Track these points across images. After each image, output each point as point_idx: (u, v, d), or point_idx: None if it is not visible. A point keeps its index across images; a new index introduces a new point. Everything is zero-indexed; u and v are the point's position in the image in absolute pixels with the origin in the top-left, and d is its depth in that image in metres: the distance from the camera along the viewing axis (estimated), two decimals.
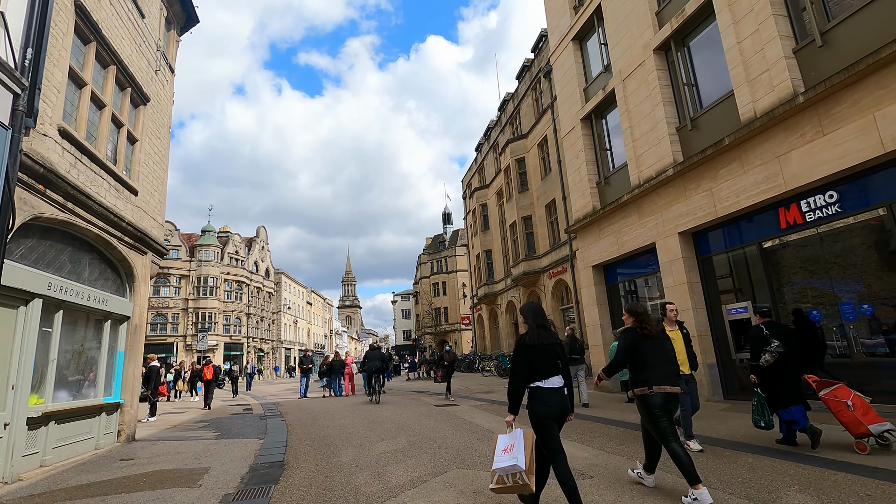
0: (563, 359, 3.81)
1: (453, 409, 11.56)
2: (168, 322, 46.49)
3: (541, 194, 22.77)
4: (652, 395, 4.11)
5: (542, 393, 3.64)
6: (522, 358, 3.72)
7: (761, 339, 5.82)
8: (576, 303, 19.05)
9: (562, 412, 3.66)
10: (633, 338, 4.33)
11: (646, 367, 4.20)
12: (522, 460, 3.41)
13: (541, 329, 3.80)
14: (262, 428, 10.44)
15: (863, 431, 5.05)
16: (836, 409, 5.27)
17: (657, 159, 10.95)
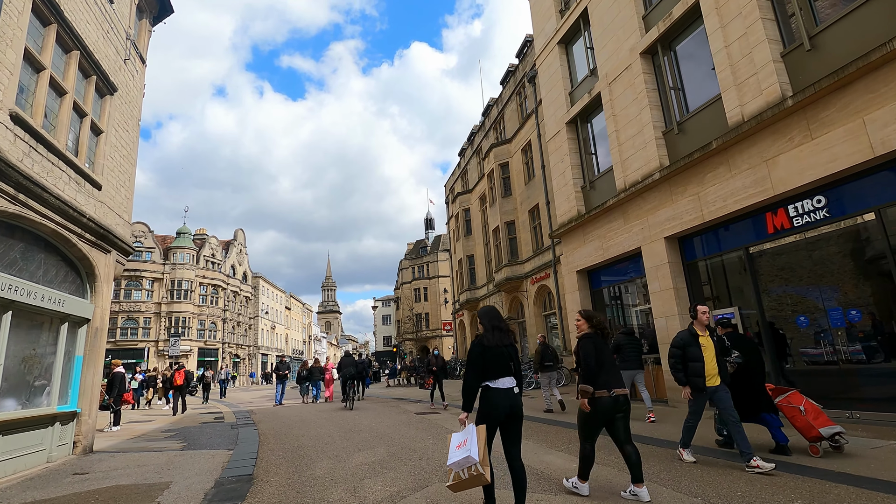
0: (516, 360, 3.94)
1: (435, 418, 11.18)
2: (139, 326, 44.96)
3: (524, 199, 22.64)
4: (606, 399, 4.27)
5: (491, 393, 3.79)
6: (477, 358, 3.85)
7: (723, 350, 5.88)
8: (559, 308, 18.89)
9: (510, 410, 3.80)
10: (597, 342, 4.45)
11: (604, 371, 4.33)
12: (476, 452, 3.50)
13: (496, 331, 3.93)
14: (232, 438, 9.90)
15: (815, 435, 5.28)
16: (791, 415, 5.48)
17: (643, 163, 10.84)
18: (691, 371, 5.40)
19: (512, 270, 23.01)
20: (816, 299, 7.85)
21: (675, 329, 9.78)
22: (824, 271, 7.77)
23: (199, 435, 10.62)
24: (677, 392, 9.62)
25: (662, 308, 10.22)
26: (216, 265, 52.49)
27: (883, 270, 7.01)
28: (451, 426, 9.59)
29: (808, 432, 5.34)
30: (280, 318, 72.74)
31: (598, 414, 4.31)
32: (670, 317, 10.00)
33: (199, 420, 13.97)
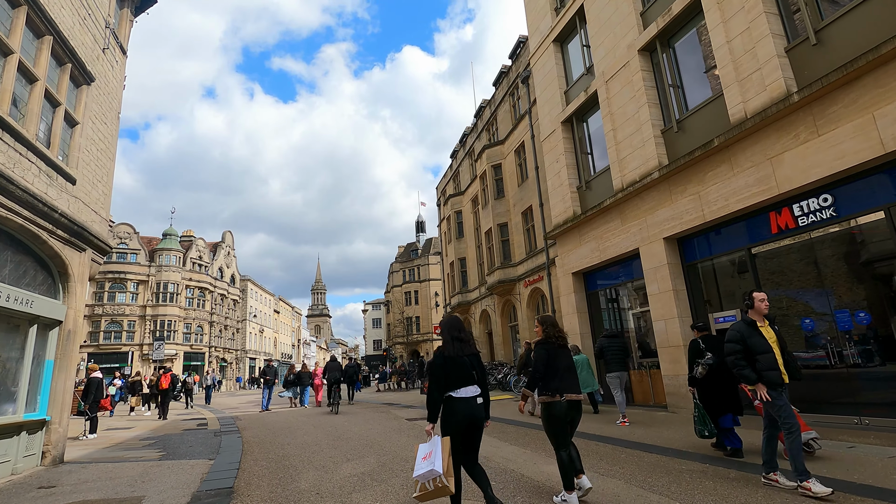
0: (479, 369, 4.01)
1: (420, 423, 10.79)
2: (123, 330, 43.94)
3: (517, 201, 22.38)
4: (559, 403, 4.33)
5: (453, 403, 3.86)
6: (439, 369, 3.93)
7: (697, 352, 6.08)
8: (552, 312, 18.59)
9: (472, 420, 3.86)
10: (549, 349, 4.51)
11: (556, 377, 4.40)
12: (440, 465, 3.57)
13: (456, 341, 4.00)
14: (214, 446, 9.43)
15: None
16: None
17: (642, 162, 10.59)
18: (763, 364, 4.59)
19: (504, 273, 22.71)
20: (822, 301, 7.61)
21: (675, 332, 9.52)
22: (830, 272, 7.54)
23: (179, 443, 10.12)
24: (678, 397, 9.38)
25: (661, 310, 9.95)
26: (203, 267, 51.59)
27: (892, 271, 6.78)
28: None
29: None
30: (269, 321, 71.76)
31: (557, 419, 4.38)
32: (669, 319, 9.73)
33: (182, 427, 13.43)
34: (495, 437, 8.49)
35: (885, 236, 6.76)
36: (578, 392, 4.46)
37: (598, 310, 12.89)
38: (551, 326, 4.68)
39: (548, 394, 4.39)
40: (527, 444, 7.57)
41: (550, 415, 4.37)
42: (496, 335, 24.94)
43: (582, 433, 7.79)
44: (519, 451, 7.09)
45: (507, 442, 7.92)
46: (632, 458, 6.25)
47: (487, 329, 27.29)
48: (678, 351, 9.52)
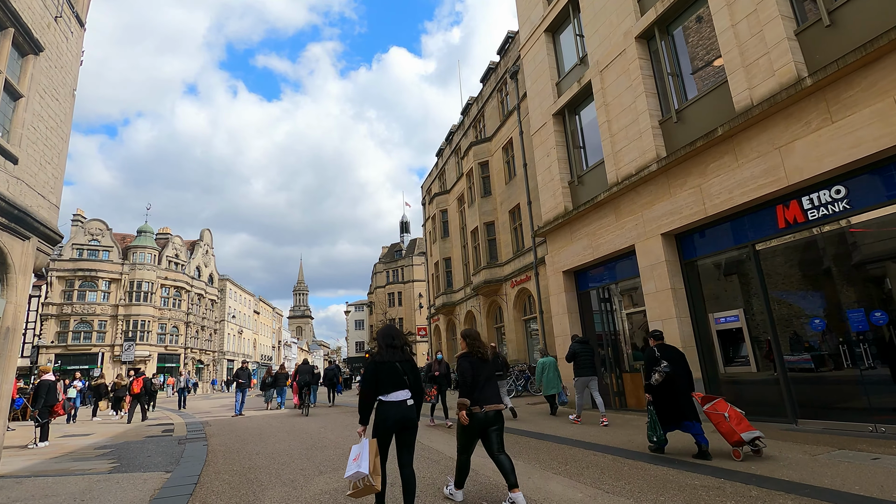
0: (412, 374, 4.21)
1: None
2: (94, 330, 42.20)
3: (504, 199, 21.83)
4: (478, 414, 4.48)
5: (385, 407, 4.07)
6: (370, 374, 4.15)
7: (653, 360, 6.24)
8: (539, 313, 18.06)
9: (404, 422, 4.10)
10: (473, 361, 4.68)
11: (477, 388, 4.55)
12: (366, 466, 3.85)
13: (389, 348, 4.24)
14: (175, 456, 8.59)
15: (737, 439, 5.61)
16: (716, 421, 5.80)
17: (638, 154, 10.08)
18: None
19: (491, 273, 22.12)
20: (834, 300, 7.14)
21: (673, 332, 9.01)
22: (842, 269, 7.08)
23: (137, 452, 9.24)
24: None
25: (658, 310, 9.43)
26: (180, 266, 49.99)
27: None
28: (427, 441, 8.53)
29: (731, 437, 5.66)
30: (248, 322, 70.08)
31: (471, 428, 4.54)
32: (667, 319, 9.21)
33: (145, 433, 12.49)
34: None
35: None
36: (498, 402, 4.65)
37: (589, 310, 12.35)
38: (474, 340, 4.92)
39: (471, 405, 4.54)
40: (517, 454, 6.92)
41: (470, 423, 4.53)
42: (481, 337, 24.32)
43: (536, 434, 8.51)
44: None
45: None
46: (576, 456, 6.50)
47: None
48: None
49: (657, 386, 6.12)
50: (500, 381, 10.72)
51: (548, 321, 17.67)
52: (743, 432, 5.54)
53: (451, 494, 4.66)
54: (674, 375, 6.07)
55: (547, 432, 8.82)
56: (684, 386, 6.16)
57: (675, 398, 6.07)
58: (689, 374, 6.39)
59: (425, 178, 36.72)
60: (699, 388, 8.81)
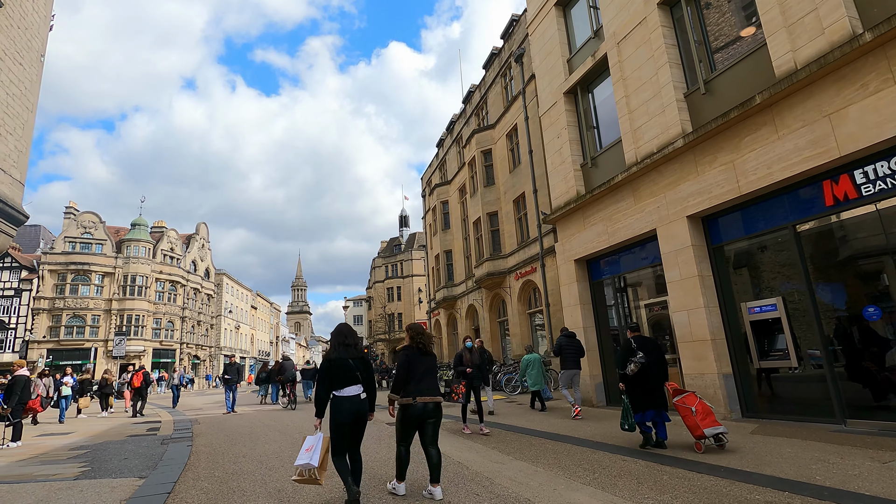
0: (365, 371, 4.49)
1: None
2: (87, 325, 41.38)
3: (508, 188, 21.01)
4: (415, 405, 4.60)
5: (337, 401, 4.34)
6: (325, 371, 4.42)
7: (630, 351, 6.44)
8: (546, 306, 17.28)
9: (357, 415, 4.38)
10: (410, 354, 4.82)
11: (413, 380, 4.68)
12: (316, 459, 4.12)
13: (341, 346, 4.51)
14: (154, 458, 7.81)
15: (699, 434, 5.79)
16: (683, 414, 6.00)
17: (660, 131, 9.27)
18: None
19: (494, 265, 21.33)
20: (893, 285, 6.36)
21: (700, 324, 8.23)
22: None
23: (114, 454, 8.45)
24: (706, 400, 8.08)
25: (683, 300, 8.65)
26: (175, 260, 49.11)
27: None
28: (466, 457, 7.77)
29: (695, 431, 5.84)
30: (245, 317, 69.29)
31: (408, 419, 4.65)
32: (693, 310, 8.43)
33: (129, 432, 11.70)
34: (494, 447, 7.05)
35: None
36: (434, 395, 4.73)
37: (603, 301, 11.57)
38: (417, 334, 5.00)
39: (405, 396, 4.68)
40: (536, 460, 6.14)
41: (404, 416, 4.68)
42: (484, 331, 23.55)
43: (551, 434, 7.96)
44: (529, 470, 5.65)
45: (513, 456, 6.48)
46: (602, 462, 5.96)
47: (474, 325, 25.89)
48: (704, 346, 8.22)
49: (632, 376, 6.33)
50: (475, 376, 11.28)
51: (555, 314, 16.90)
52: (706, 427, 5.75)
53: (394, 489, 4.70)
54: (648, 366, 6.26)
55: (562, 432, 8.06)
56: (659, 377, 6.35)
57: (649, 388, 6.28)
58: (665, 366, 6.57)
59: (425, 170, 35.88)
60: (728, 385, 8.07)
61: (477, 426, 8.51)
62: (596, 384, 11.05)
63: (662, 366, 6.47)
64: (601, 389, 11.07)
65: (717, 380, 7.99)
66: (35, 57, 8.08)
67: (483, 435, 8.03)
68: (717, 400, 7.96)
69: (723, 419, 7.84)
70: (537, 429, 8.59)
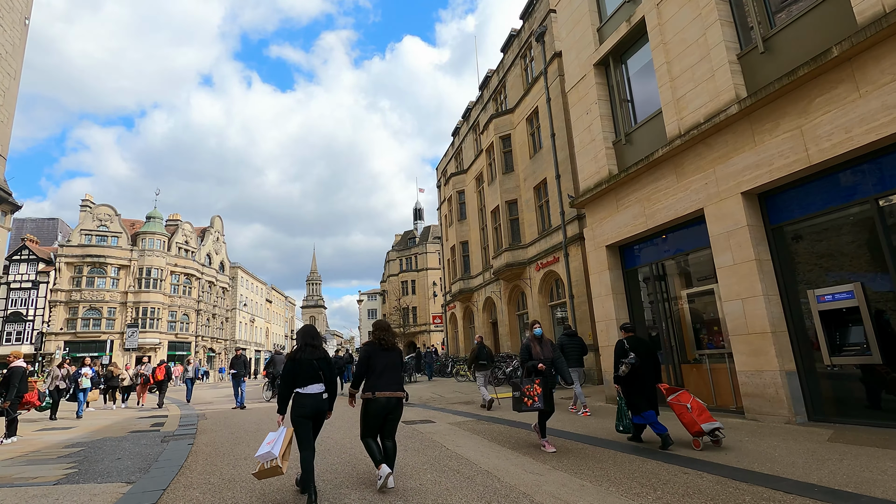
0: (327, 370, 4.73)
1: (428, 431, 8.50)
2: (103, 317, 41.54)
3: (528, 175, 20.01)
4: (374, 400, 4.73)
5: (300, 398, 4.58)
6: (288, 370, 4.66)
7: (622, 351, 6.43)
8: (569, 297, 16.33)
9: (316, 412, 4.62)
10: (370, 350, 5.01)
11: (374, 375, 4.83)
12: (277, 450, 4.29)
13: (307, 346, 4.77)
14: (150, 458, 7.12)
15: (697, 430, 5.73)
16: (679, 412, 5.95)
17: (709, 98, 8.25)
18: None
19: (513, 255, 20.39)
20: None
21: (757, 314, 7.25)
22: None
23: (108, 453, 7.80)
24: (763, 400, 7.11)
25: (737, 287, 7.65)
26: (190, 253, 49.09)
27: None
28: (453, 446, 6.92)
29: (692, 427, 5.80)
30: (260, 311, 69.39)
31: (371, 414, 4.74)
32: (749, 299, 7.43)
33: (131, 427, 11.11)
34: (526, 454, 6.18)
35: None
36: (395, 390, 4.80)
37: (637, 290, 10.60)
38: (381, 331, 5.12)
39: (365, 391, 4.80)
40: (579, 470, 5.26)
41: (366, 410, 4.77)
42: (502, 325, 22.67)
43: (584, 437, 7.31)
44: (573, 484, 4.77)
45: (550, 465, 5.60)
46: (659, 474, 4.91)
47: (492, 318, 25.02)
48: (763, 340, 7.23)
49: (625, 377, 6.34)
50: (484, 371, 11.59)
51: (579, 306, 15.95)
52: (703, 423, 5.73)
53: (380, 476, 4.62)
54: (640, 367, 6.26)
55: (599, 435, 7.16)
56: (652, 377, 6.34)
57: (643, 388, 6.25)
58: (658, 367, 6.61)
59: (441, 160, 34.97)
60: (792, 384, 7.08)
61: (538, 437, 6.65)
62: None
63: (656, 367, 6.52)
64: None
65: (779, 378, 7.00)
66: (18, 19, 7.36)
67: (544, 447, 6.31)
68: (778, 401, 6.98)
69: (786, 423, 6.87)
70: (567, 430, 7.71)
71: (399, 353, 5.15)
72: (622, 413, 6.40)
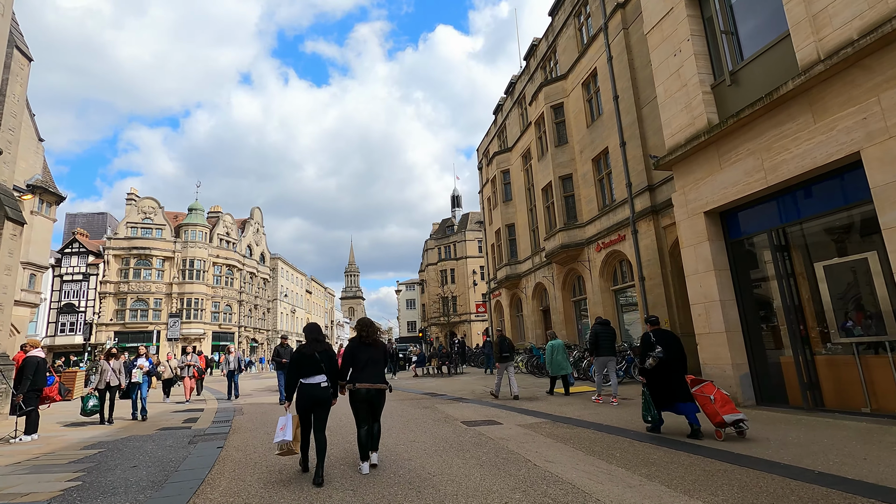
0: (328, 363, 5.22)
1: (498, 437, 6.93)
2: (150, 308, 42.19)
3: (586, 146, 18.01)
4: (356, 391, 5.22)
5: (303, 387, 5.10)
6: (294, 362, 5.26)
7: (649, 344, 6.56)
8: (639, 280, 14.38)
9: (317, 399, 5.07)
10: (353, 346, 5.49)
11: (356, 369, 5.31)
12: (290, 434, 4.98)
13: (312, 342, 5.33)
14: (171, 466, 5.93)
15: (719, 421, 5.81)
16: (702, 403, 6.08)
17: (867, 5, 6.22)
18: None
19: (569, 236, 18.50)
20: None
21: None
22: None
23: (126, 457, 6.67)
24: None
25: None
26: (231, 244, 49.37)
27: None
28: (536, 458, 5.35)
29: (714, 418, 5.87)
30: (300, 301, 69.83)
31: (355, 402, 5.27)
32: None
33: (162, 424, 10.10)
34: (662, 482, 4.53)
35: None
36: (374, 382, 5.27)
37: (746, 265, 8.66)
38: (363, 327, 5.56)
39: (349, 383, 5.30)
40: (634, 467, 3.62)
41: (352, 400, 5.28)
42: (555, 312, 20.85)
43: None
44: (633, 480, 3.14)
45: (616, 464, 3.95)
46: None
47: (542, 305, 23.22)
48: None
49: (651, 370, 6.43)
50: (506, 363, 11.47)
51: (651, 290, 13.99)
52: (726, 414, 5.75)
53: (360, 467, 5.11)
54: (668, 360, 6.31)
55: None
56: (678, 369, 6.37)
57: (669, 381, 6.31)
58: (684, 358, 6.54)
59: (481, 141, 33.17)
60: None
61: None
62: (741, 376, 8.23)
63: (682, 359, 6.52)
64: (748, 384, 8.24)
65: None
66: None
67: None
68: None
69: None
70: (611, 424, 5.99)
71: (382, 347, 5.59)
72: (648, 404, 6.52)
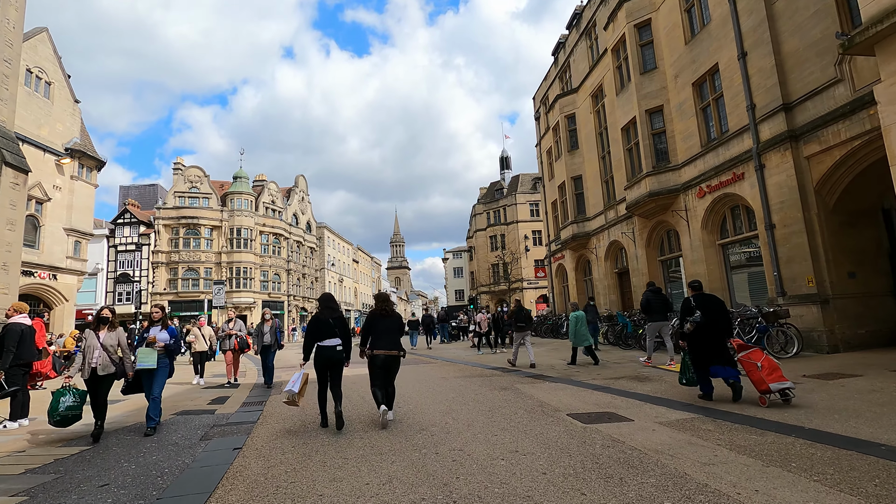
0: (342, 327, 6.12)
1: (638, 444, 4.38)
2: (200, 277, 42.10)
3: (683, 67, 14.56)
4: (374, 356, 5.99)
5: (320, 349, 5.97)
6: (311, 326, 6.15)
7: (689, 309, 6.60)
8: (768, 228, 11.21)
9: (331, 360, 5.96)
10: (371, 317, 6.25)
11: (375, 336, 6.10)
12: (297, 387, 5.93)
13: (327, 309, 6.23)
14: (159, 483, 3.85)
15: (764, 388, 5.70)
16: (748, 370, 5.95)
17: None
18: None
19: (659, 181, 15.32)
20: None
21: None
22: None
23: (105, 465, 4.69)
24: None
25: None
26: (277, 213, 48.51)
27: None
28: (693, 470, 2.85)
29: (760, 385, 5.77)
30: (348, 271, 69.26)
31: (373, 367, 6.02)
32: None
33: (182, 406, 8.30)
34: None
35: None
36: (391, 349, 6.02)
37: None
38: (380, 301, 6.39)
39: (368, 350, 6.07)
40: None
41: (370, 364, 6.04)
42: (635, 273, 17.85)
43: None
44: None
45: None
46: None
47: (617, 267, 20.23)
48: None
49: (689, 334, 6.45)
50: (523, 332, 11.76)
51: (786, 239, 10.88)
52: (772, 383, 5.65)
53: (383, 413, 5.72)
54: (706, 324, 6.33)
55: None
56: (721, 333, 6.36)
57: (707, 345, 6.32)
58: (729, 323, 6.57)
59: (538, 88, 29.67)
60: None
61: None
62: None
63: (725, 323, 6.47)
64: None
65: None
66: None
67: None
68: None
69: None
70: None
71: (396, 318, 6.34)
72: (686, 367, 6.54)
